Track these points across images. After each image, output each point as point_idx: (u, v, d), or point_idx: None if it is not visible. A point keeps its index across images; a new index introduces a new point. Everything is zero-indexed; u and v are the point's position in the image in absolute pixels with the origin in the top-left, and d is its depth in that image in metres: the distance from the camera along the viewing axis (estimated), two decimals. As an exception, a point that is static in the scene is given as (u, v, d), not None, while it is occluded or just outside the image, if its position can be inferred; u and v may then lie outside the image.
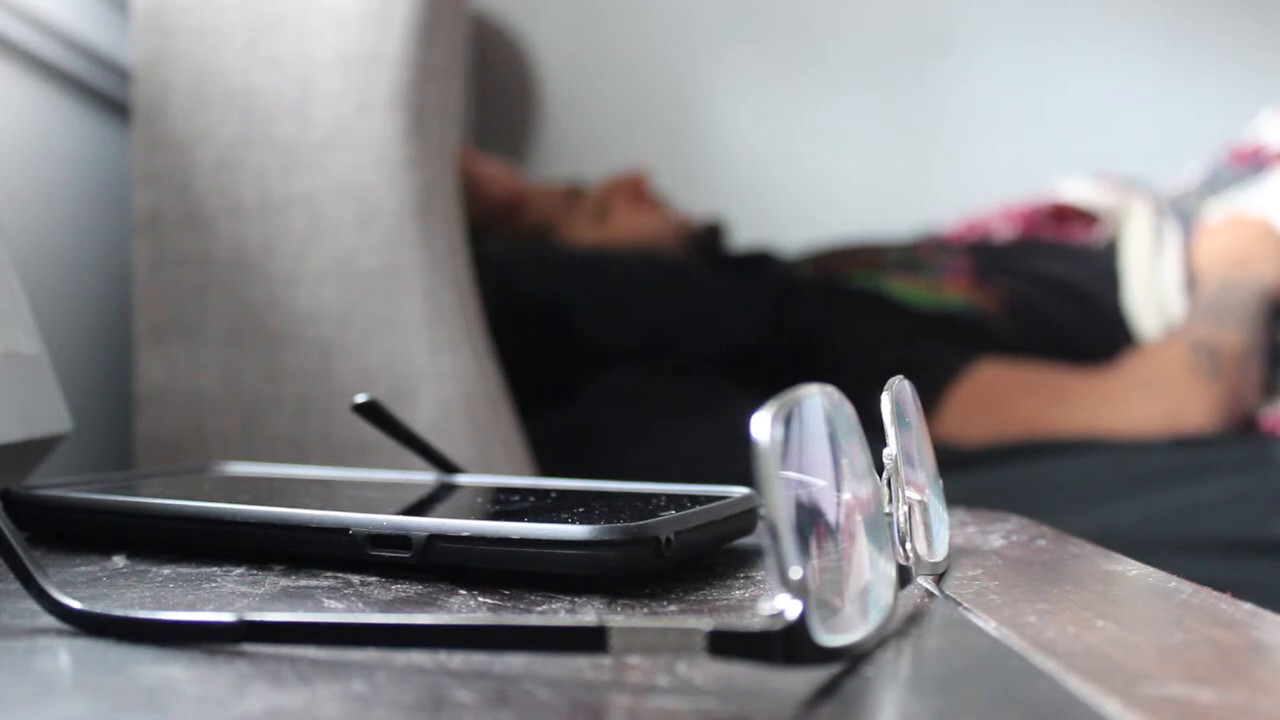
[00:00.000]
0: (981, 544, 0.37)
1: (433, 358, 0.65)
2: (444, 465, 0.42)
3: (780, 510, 0.21)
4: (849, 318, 0.91)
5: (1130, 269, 0.98)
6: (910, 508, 0.30)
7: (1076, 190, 1.10)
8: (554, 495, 0.37)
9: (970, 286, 0.97)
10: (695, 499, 0.35)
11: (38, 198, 0.69)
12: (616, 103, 1.39)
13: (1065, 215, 1.09)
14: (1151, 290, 0.96)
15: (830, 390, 0.25)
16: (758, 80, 1.41)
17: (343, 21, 0.66)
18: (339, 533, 0.32)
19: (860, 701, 0.22)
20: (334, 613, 0.28)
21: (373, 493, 0.40)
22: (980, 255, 1.02)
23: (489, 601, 0.29)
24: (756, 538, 0.36)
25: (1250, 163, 1.01)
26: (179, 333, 0.67)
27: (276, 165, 0.66)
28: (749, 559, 0.35)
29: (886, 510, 0.28)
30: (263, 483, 0.42)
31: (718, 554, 0.36)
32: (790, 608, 0.21)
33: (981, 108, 1.40)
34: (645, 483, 0.39)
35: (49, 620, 0.26)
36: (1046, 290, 0.97)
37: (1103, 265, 1.00)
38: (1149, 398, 0.84)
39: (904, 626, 0.27)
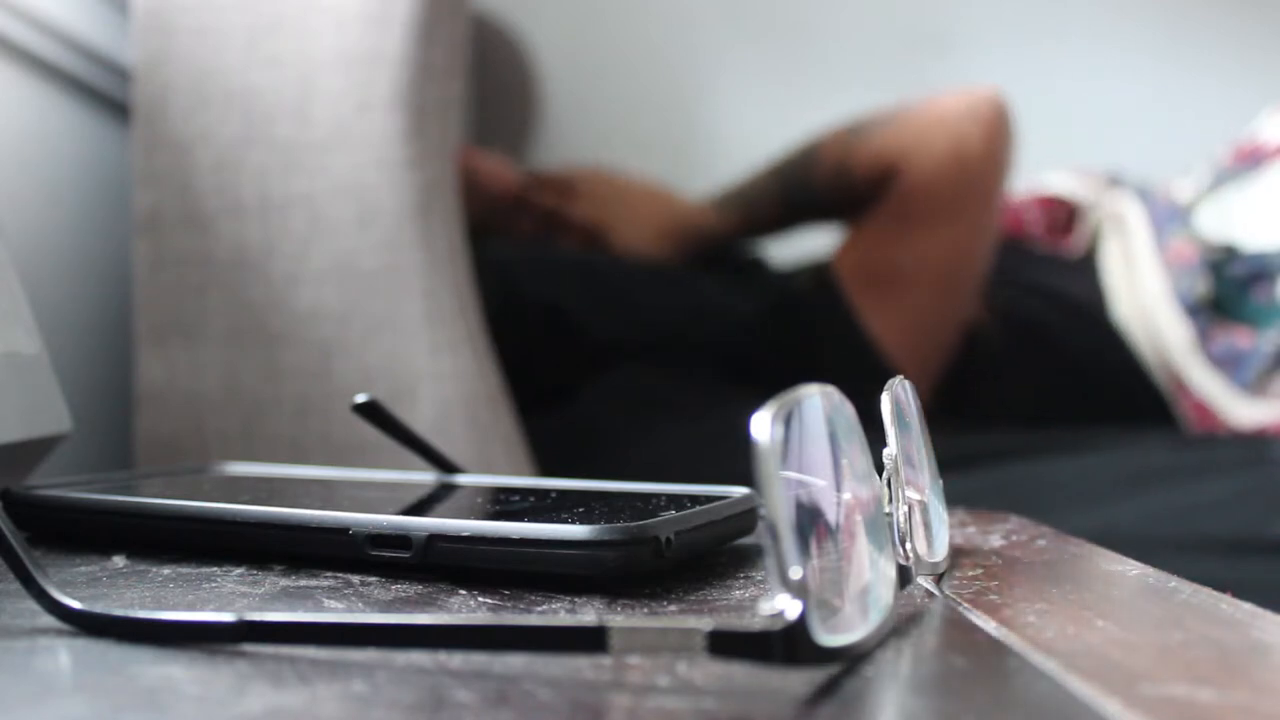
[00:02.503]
0: (981, 544, 0.37)
1: (433, 358, 0.65)
2: (444, 465, 0.42)
3: (780, 510, 0.21)
4: (852, 329, 0.91)
5: (1114, 282, 0.99)
6: (910, 508, 0.30)
7: (1059, 183, 1.10)
8: (554, 495, 0.37)
9: None
10: (695, 499, 0.35)
11: (38, 198, 0.69)
12: (617, 103, 1.39)
13: (1051, 208, 1.08)
14: (1134, 302, 0.96)
15: (830, 390, 0.25)
16: (758, 80, 1.41)
17: (343, 21, 0.66)
18: (339, 533, 0.32)
19: (860, 701, 0.22)
20: (334, 613, 0.28)
21: (373, 493, 0.40)
22: None
23: (489, 601, 0.29)
24: (756, 538, 0.36)
25: (1249, 160, 1.01)
26: (179, 333, 0.67)
27: (276, 165, 0.66)
28: (749, 559, 0.35)
29: (886, 510, 0.28)
30: (263, 483, 0.42)
31: (718, 554, 0.36)
32: (790, 608, 0.21)
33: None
34: (645, 483, 0.39)
35: (49, 620, 0.26)
36: (1042, 300, 0.97)
37: (1091, 276, 1.00)
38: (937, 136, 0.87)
39: (904, 626, 0.27)
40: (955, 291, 0.90)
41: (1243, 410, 0.89)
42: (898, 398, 0.31)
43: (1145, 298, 0.95)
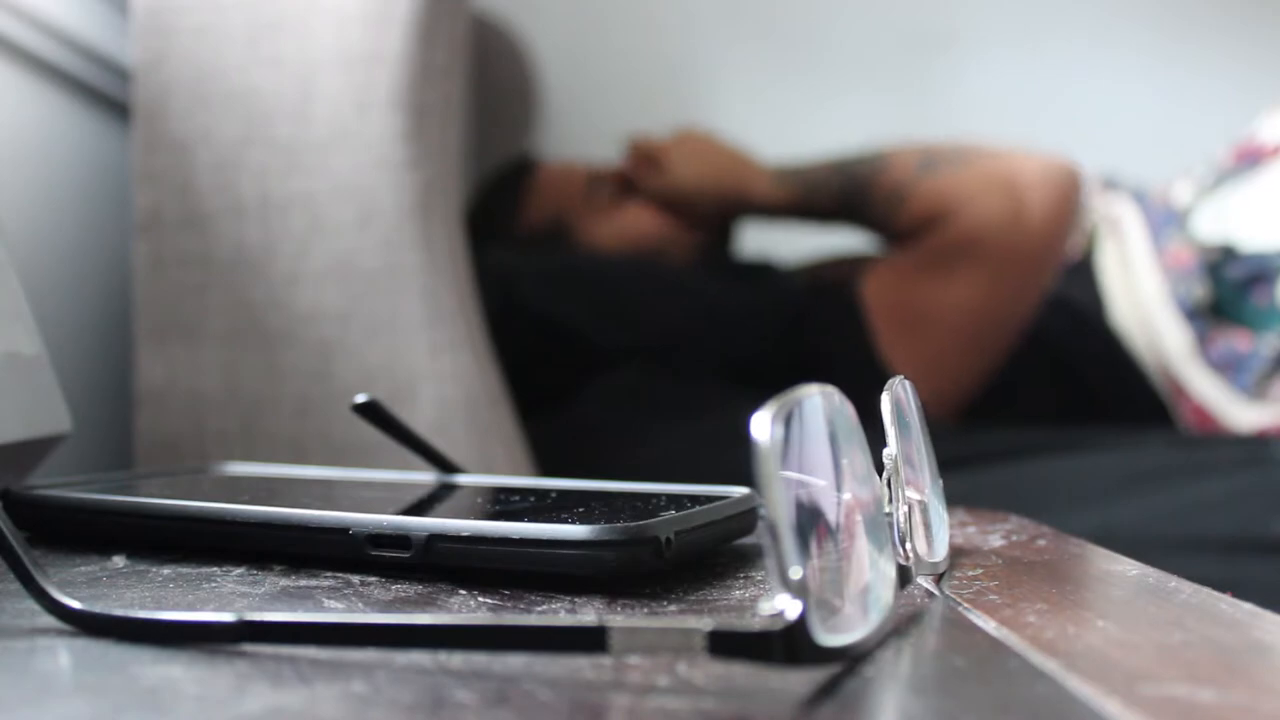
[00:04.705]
0: (981, 544, 0.37)
1: (433, 358, 0.65)
2: (444, 465, 0.42)
3: (780, 510, 0.21)
4: (857, 332, 0.91)
5: (1111, 286, 0.98)
6: (910, 508, 0.30)
7: None
8: (554, 495, 0.37)
9: None
10: (695, 499, 0.35)
11: (38, 198, 0.69)
12: (617, 103, 1.39)
13: None
14: (1133, 306, 0.96)
15: (831, 390, 0.25)
16: (758, 80, 1.41)
17: (343, 21, 0.66)
18: (339, 533, 0.32)
19: (860, 701, 0.22)
20: (334, 613, 0.28)
21: (373, 493, 0.40)
22: None
23: (489, 601, 0.29)
24: (756, 538, 0.36)
25: (1248, 160, 1.01)
26: (179, 333, 0.67)
27: (276, 165, 0.66)
28: (749, 559, 0.35)
29: (886, 510, 0.28)
30: (263, 483, 0.42)
31: (718, 554, 0.36)
32: (790, 608, 0.21)
33: (984, 106, 1.40)
34: (645, 483, 0.39)
35: (49, 620, 0.26)
36: (1039, 304, 0.97)
37: (1088, 280, 1.00)
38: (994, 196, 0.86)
39: (904, 626, 0.27)
40: (983, 345, 0.88)
41: (1242, 414, 0.89)
42: (898, 398, 0.31)
43: (1143, 302, 0.95)
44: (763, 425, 0.21)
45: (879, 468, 0.28)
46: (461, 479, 0.42)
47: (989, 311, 0.87)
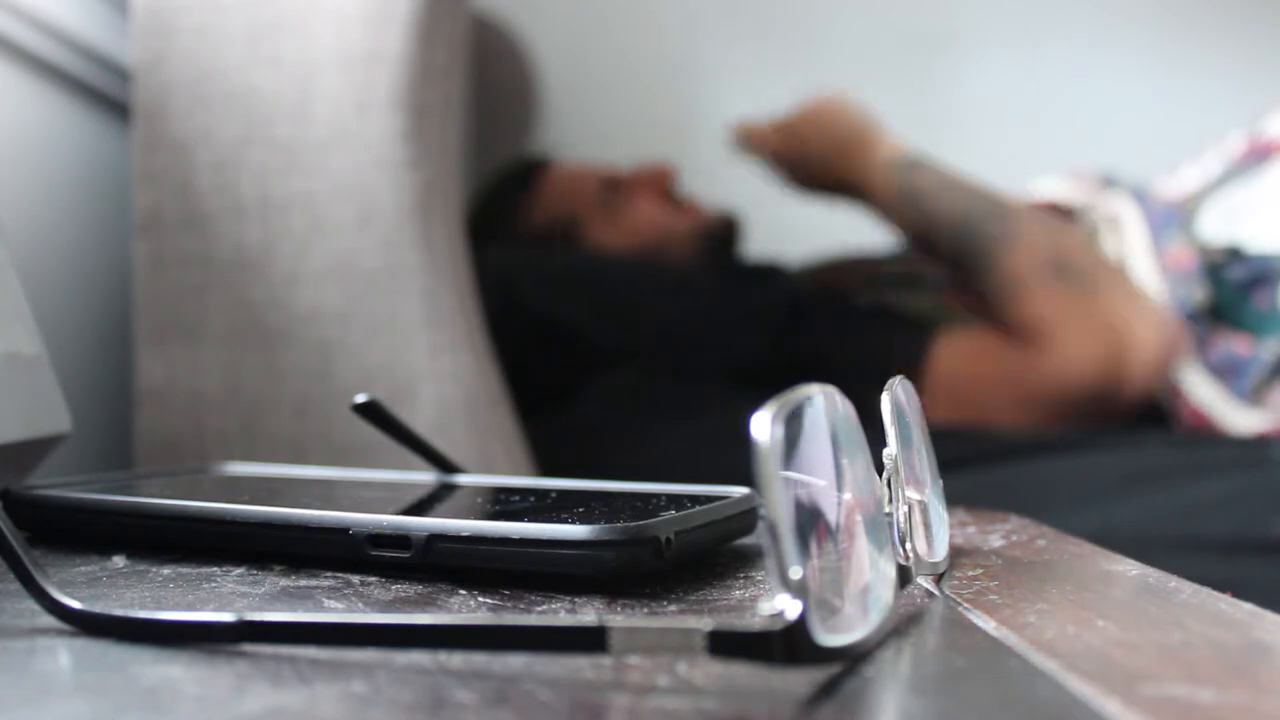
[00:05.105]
0: (981, 544, 0.37)
1: (433, 358, 0.65)
2: (444, 465, 0.42)
3: (780, 510, 0.21)
4: (857, 333, 0.91)
5: None
6: (910, 508, 0.30)
7: (1053, 189, 1.09)
8: (554, 495, 0.37)
9: (971, 302, 0.97)
10: (695, 499, 0.35)
11: (38, 198, 0.69)
12: (617, 103, 1.39)
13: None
14: None
15: (831, 390, 0.25)
16: (759, 79, 1.41)
17: (343, 21, 0.66)
18: (339, 533, 0.32)
19: (860, 701, 0.22)
20: (334, 613, 0.28)
21: (373, 493, 0.40)
22: None
23: (489, 601, 0.29)
24: (756, 538, 0.36)
25: (1258, 156, 1.01)
26: (179, 333, 0.67)
27: (276, 165, 0.66)
28: (749, 559, 0.35)
29: (886, 510, 0.28)
30: (263, 483, 0.42)
31: (718, 554, 0.36)
32: (790, 608, 0.21)
33: (984, 106, 1.40)
34: (645, 483, 0.39)
35: (49, 620, 0.26)
36: None
37: None
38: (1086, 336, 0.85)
39: (904, 626, 0.27)
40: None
41: (1240, 419, 0.89)
42: (897, 398, 0.31)
43: None
44: (763, 425, 0.21)
45: (879, 468, 0.28)
46: (461, 479, 0.42)
47: (1047, 426, 0.87)
